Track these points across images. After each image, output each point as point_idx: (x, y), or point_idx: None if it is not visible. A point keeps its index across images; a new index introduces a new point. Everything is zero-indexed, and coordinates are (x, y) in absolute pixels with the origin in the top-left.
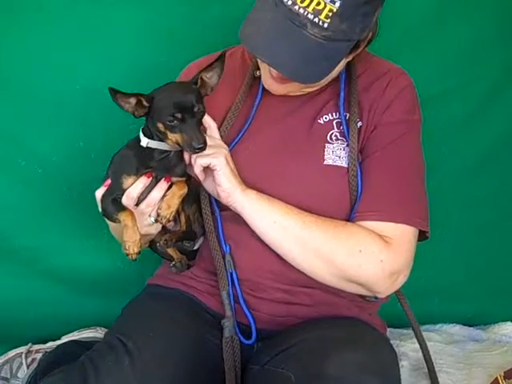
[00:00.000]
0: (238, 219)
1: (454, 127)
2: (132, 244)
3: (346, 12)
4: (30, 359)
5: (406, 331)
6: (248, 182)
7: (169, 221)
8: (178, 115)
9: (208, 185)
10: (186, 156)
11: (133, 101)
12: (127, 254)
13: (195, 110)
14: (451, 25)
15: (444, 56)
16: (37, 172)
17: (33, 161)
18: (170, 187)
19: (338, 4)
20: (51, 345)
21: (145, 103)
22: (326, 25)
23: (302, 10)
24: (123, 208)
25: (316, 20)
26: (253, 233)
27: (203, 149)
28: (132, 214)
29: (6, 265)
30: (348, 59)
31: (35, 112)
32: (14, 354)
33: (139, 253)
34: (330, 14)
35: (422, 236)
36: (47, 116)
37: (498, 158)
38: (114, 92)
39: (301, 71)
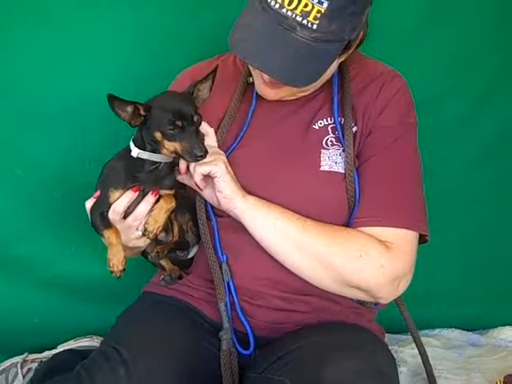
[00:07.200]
0: (234, 227)
1: (448, 131)
2: (116, 262)
3: (334, 12)
4: (25, 369)
5: (404, 337)
6: (244, 188)
7: (156, 235)
8: (179, 123)
9: (206, 193)
10: (183, 166)
11: (130, 109)
12: (112, 272)
13: (194, 118)
14: (443, 29)
15: (436, 60)
16: (32, 180)
17: (28, 169)
18: (158, 200)
19: (325, 5)
20: (47, 354)
21: (142, 112)
22: (314, 26)
23: (289, 13)
24: (110, 224)
25: (305, 22)
26: (249, 240)
27: (204, 157)
28: (117, 231)
29: (0, 273)
30: (340, 60)
31: (31, 120)
32: (9, 363)
33: (124, 270)
34: (319, 15)
35: (421, 239)
36: (43, 124)
37: (492, 159)
38: (112, 99)
39: (292, 75)
